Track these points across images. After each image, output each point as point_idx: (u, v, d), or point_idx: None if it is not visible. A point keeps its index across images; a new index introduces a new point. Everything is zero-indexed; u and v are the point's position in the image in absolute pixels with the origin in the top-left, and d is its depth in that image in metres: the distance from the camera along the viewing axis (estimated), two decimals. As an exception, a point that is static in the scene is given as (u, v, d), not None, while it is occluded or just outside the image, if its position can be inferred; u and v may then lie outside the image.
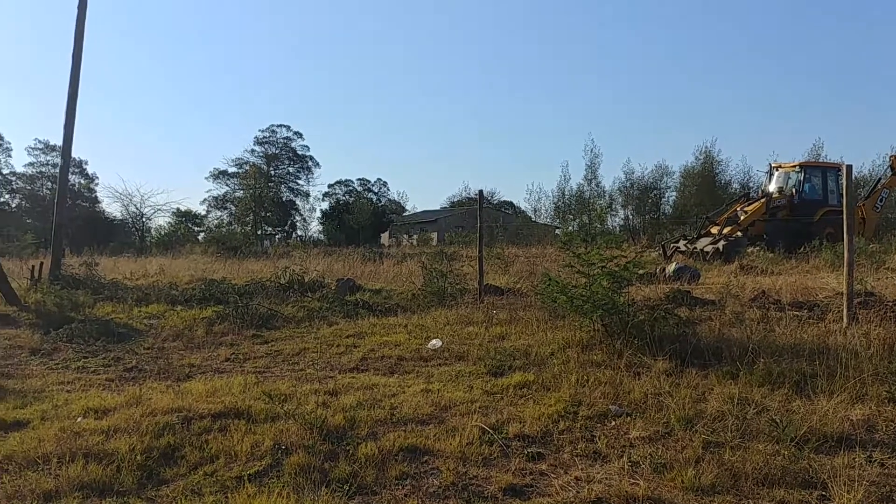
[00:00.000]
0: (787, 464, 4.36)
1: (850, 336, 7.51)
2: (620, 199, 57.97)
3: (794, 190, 26.37)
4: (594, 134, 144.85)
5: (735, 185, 52.64)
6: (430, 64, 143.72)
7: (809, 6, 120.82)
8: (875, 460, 4.51)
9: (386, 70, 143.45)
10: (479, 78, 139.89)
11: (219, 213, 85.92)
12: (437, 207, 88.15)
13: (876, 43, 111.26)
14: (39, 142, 75.69)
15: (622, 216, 58.89)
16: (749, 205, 26.26)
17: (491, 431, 5.10)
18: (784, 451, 4.55)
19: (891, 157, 28.23)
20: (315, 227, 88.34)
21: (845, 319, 8.41)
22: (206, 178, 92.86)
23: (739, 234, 24.43)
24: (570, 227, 51.55)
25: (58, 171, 17.97)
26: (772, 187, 27.30)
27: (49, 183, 72.37)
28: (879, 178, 28.26)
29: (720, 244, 23.12)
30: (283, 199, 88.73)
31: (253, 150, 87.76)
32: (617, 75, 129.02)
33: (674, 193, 57.19)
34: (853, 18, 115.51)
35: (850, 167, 8.88)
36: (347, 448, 4.85)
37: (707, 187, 52.55)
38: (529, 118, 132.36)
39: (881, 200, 27.44)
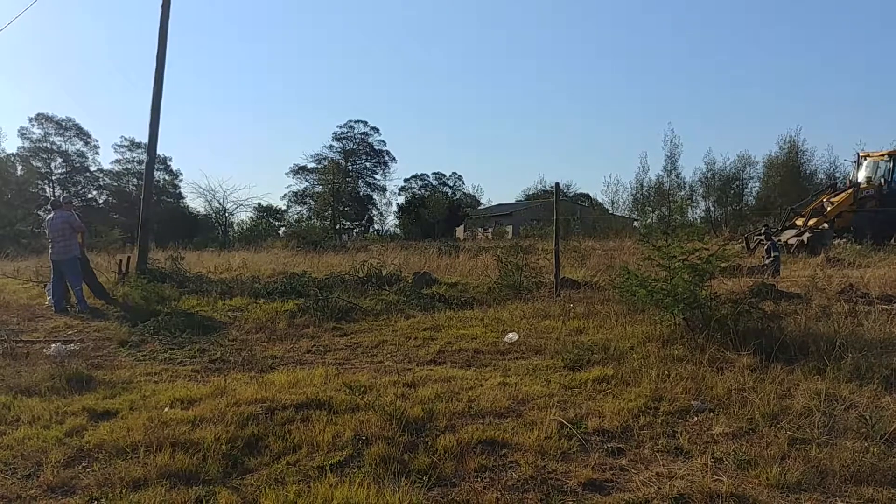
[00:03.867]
0: (876, 461, 4.24)
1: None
2: (701, 191, 56.41)
3: (882, 179, 25.29)
4: (674, 123, 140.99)
5: (821, 176, 50.69)
6: (504, 57, 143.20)
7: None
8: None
9: (461, 62, 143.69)
10: (552, 69, 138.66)
11: (299, 208, 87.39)
12: (513, 201, 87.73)
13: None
14: (125, 139, 78.27)
15: (703, 208, 57.38)
16: (836, 196, 25.33)
17: (569, 426, 5.06)
18: (873, 449, 4.41)
19: None
20: (391, 222, 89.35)
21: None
22: (287, 174, 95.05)
23: (826, 225, 23.61)
24: (650, 220, 50.64)
25: (143, 167, 18.52)
26: (860, 177, 26.25)
27: (135, 179, 74.69)
28: None
29: (805, 236, 22.40)
30: (361, 193, 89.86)
31: (331, 146, 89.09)
32: (700, 62, 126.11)
33: (757, 184, 55.36)
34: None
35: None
36: (426, 440, 4.90)
37: (791, 178, 50.67)
38: (609, 108, 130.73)
39: None
